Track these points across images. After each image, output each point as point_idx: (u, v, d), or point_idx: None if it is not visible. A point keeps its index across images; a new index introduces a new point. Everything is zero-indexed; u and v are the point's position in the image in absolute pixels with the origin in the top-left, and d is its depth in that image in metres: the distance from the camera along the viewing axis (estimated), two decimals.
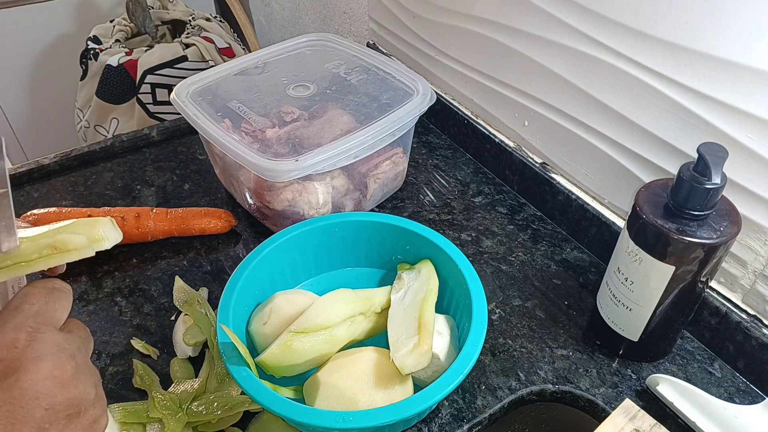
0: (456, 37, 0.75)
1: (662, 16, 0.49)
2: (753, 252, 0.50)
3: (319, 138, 0.62)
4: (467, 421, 0.50)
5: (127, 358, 0.55)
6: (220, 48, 1.38)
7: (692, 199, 0.43)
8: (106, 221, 0.35)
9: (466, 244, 0.67)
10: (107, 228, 0.35)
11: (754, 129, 0.46)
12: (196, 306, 0.57)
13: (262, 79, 0.72)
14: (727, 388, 0.52)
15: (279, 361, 0.47)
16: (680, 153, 0.53)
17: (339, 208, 0.67)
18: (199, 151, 0.82)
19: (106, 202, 0.73)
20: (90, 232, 0.34)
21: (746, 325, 0.51)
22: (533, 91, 0.66)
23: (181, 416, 0.48)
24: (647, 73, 0.52)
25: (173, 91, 0.67)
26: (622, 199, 0.61)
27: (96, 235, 0.34)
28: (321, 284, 0.60)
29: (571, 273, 0.63)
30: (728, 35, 0.45)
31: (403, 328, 0.49)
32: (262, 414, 0.50)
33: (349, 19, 1.04)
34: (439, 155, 0.81)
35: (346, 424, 0.41)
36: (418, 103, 0.65)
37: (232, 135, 0.61)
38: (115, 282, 0.63)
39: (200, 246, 0.67)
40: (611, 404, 0.50)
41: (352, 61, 0.74)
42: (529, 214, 0.71)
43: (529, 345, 0.56)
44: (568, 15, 0.57)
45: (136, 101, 1.32)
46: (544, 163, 0.70)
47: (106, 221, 0.35)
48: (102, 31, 1.40)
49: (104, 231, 0.35)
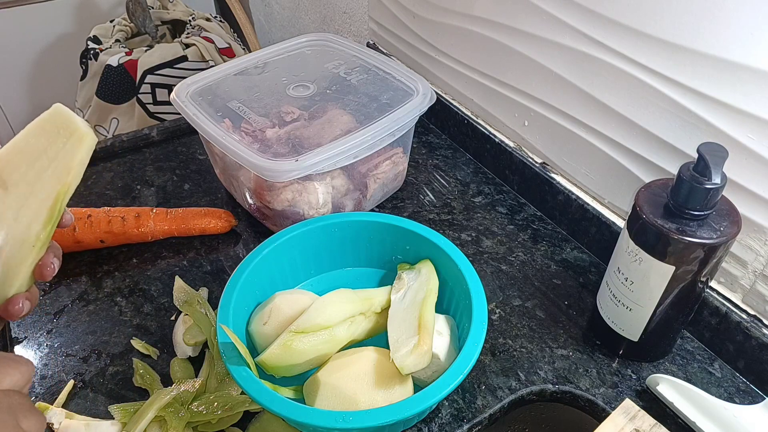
0: (456, 37, 0.75)
1: (662, 16, 0.49)
2: (753, 252, 0.50)
3: (319, 138, 0.62)
4: (467, 421, 0.50)
5: (127, 358, 0.55)
6: (220, 48, 1.39)
7: (692, 199, 0.43)
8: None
9: (466, 244, 0.67)
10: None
11: (754, 129, 0.46)
12: (196, 306, 0.57)
13: (262, 79, 0.72)
14: (727, 388, 0.52)
15: (279, 361, 0.47)
16: (680, 153, 0.53)
17: (339, 208, 0.67)
18: (199, 151, 0.82)
19: (106, 202, 0.73)
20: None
21: (746, 325, 0.51)
22: (533, 91, 0.66)
23: (183, 415, 0.48)
24: (647, 73, 0.52)
25: (173, 91, 0.67)
26: (622, 199, 0.61)
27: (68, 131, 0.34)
28: (321, 284, 0.60)
29: (571, 273, 0.63)
30: (728, 35, 0.45)
31: (403, 328, 0.49)
32: (262, 414, 0.50)
33: (349, 19, 1.04)
34: (439, 155, 0.81)
35: (346, 424, 0.41)
36: (418, 103, 0.65)
37: (232, 135, 0.61)
38: (115, 282, 0.63)
39: (200, 246, 0.67)
40: (611, 404, 0.50)
41: (352, 61, 0.74)
42: (529, 214, 0.71)
43: (529, 345, 0.56)
44: (568, 15, 0.57)
45: (136, 101, 1.32)
46: (544, 163, 0.70)
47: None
48: (102, 31, 1.41)
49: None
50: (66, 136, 0.34)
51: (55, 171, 0.34)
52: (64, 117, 0.34)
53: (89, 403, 0.51)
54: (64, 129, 0.34)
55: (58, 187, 0.34)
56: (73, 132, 0.34)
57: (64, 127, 0.34)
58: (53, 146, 0.34)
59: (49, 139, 0.33)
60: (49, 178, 0.34)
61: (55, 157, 0.34)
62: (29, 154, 0.33)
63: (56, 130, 0.34)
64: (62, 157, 0.34)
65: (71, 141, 0.34)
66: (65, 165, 0.34)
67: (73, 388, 0.52)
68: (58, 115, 0.34)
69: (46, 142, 0.33)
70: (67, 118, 0.34)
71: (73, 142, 0.34)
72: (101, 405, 0.51)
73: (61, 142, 0.34)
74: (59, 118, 0.34)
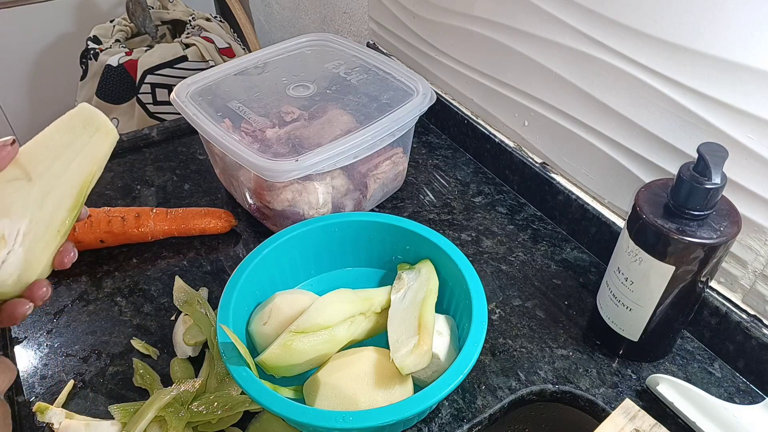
0: (456, 37, 0.75)
1: (662, 16, 0.49)
2: (753, 252, 0.50)
3: (319, 138, 0.62)
4: (467, 421, 0.50)
5: (127, 358, 0.55)
6: (220, 48, 1.38)
7: (692, 199, 0.43)
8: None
9: (466, 244, 0.67)
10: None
11: (754, 129, 0.46)
12: (196, 306, 0.57)
13: (262, 79, 0.72)
14: (727, 388, 0.52)
15: (279, 361, 0.47)
16: (680, 153, 0.53)
17: (339, 208, 0.67)
18: (199, 151, 0.82)
19: (106, 202, 0.73)
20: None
21: (746, 325, 0.51)
22: (533, 91, 0.66)
23: (183, 415, 0.48)
24: (647, 73, 0.52)
25: (173, 91, 0.67)
26: (622, 199, 0.61)
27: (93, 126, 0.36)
28: (321, 284, 0.60)
29: (571, 273, 0.63)
30: (728, 35, 0.45)
31: (403, 328, 0.49)
32: (262, 414, 0.50)
33: (349, 19, 1.04)
34: (439, 155, 0.81)
35: (346, 424, 0.41)
36: (418, 103, 0.65)
37: (232, 135, 0.61)
38: (115, 282, 0.63)
39: (200, 246, 0.67)
40: (611, 404, 0.50)
41: (352, 61, 0.74)
42: (529, 214, 0.71)
43: (529, 345, 0.56)
44: (568, 15, 0.57)
45: (136, 101, 1.32)
46: (544, 163, 0.70)
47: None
48: (102, 31, 1.41)
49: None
50: (92, 132, 0.36)
51: (81, 162, 0.36)
52: (90, 114, 0.36)
53: (89, 403, 0.51)
54: (89, 125, 0.36)
55: (84, 176, 0.36)
56: (98, 127, 0.36)
57: (89, 123, 0.36)
58: (79, 140, 0.36)
59: (74, 134, 0.35)
60: (76, 169, 0.36)
61: (81, 150, 0.36)
62: (54, 148, 0.35)
63: (82, 126, 0.36)
64: (88, 150, 0.36)
65: (97, 135, 0.36)
66: (91, 157, 0.36)
67: (73, 388, 0.52)
68: (84, 113, 0.36)
69: (72, 137, 0.35)
70: (94, 115, 0.36)
71: (100, 136, 0.36)
72: (101, 405, 0.51)
73: (87, 137, 0.36)
74: (85, 115, 0.36)
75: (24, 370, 0.54)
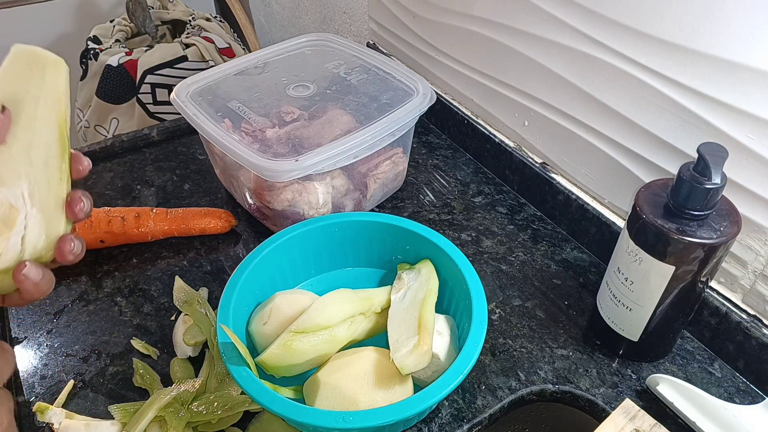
0: (456, 37, 0.75)
1: (662, 16, 0.49)
2: (753, 252, 0.50)
3: (319, 138, 0.62)
4: (467, 421, 0.50)
5: (127, 358, 0.55)
6: (220, 48, 1.38)
7: (692, 199, 0.43)
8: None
9: (466, 244, 0.67)
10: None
11: (754, 129, 0.46)
12: (196, 306, 0.57)
13: (262, 79, 0.72)
14: (727, 388, 0.52)
15: (279, 361, 0.47)
16: (680, 153, 0.53)
17: (339, 208, 0.67)
18: (199, 151, 0.82)
19: (106, 202, 0.73)
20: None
21: (746, 325, 0.51)
22: (533, 91, 0.66)
23: (183, 415, 0.48)
24: (647, 73, 0.52)
25: (173, 91, 0.67)
26: (622, 199, 0.61)
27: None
28: (321, 284, 0.60)
29: (571, 273, 0.63)
30: (728, 35, 0.45)
31: (403, 328, 0.49)
32: (262, 414, 0.50)
33: (349, 19, 1.04)
34: (439, 155, 0.81)
35: (346, 424, 0.41)
36: (418, 103, 0.65)
37: (232, 135, 0.61)
38: (115, 282, 0.63)
39: (200, 246, 0.67)
40: (611, 404, 0.50)
41: (352, 61, 0.74)
42: (529, 214, 0.71)
43: (529, 345, 0.56)
44: (568, 15, 0.57)
45: (136, 101, 1.32)
46: (544, 163, 0.70)
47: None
48: (102, 31, 1.40)
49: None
50: (40, 71, 0.33)
51: (46, 105, 0.33)
52: (28, 54, 0.33)
53: (89, 403, 0.51)
54: (34, 65, 0.33)
55: (56, 117, 0.33)
56: (44, 64, 0.33)
57: (33, 62, 0.33)
58: (32, 84, 0.33)
59: (23, 80, 0.32)
60: (45, 114, 0.33)
61: (40, 93, 0.33)
62: (11, 103, 0.32)
63: (27, 68, 0.33)
64: (46, 90, 0.33)
65: (48, 72, 0.33)
66: (53, 96, 0.33)
67: (73, 388, 0.52)
68: (22, 56, 0.33)
69: (22, 84, 0.32)
70: (32, 53, 0.33)
71: (50, 72, 0.33)
72: (101, 405, 0.51)
73: (39, 78, 0.33)
74: (24, 57, 0.33)
75: (24, 370, 0.54)
